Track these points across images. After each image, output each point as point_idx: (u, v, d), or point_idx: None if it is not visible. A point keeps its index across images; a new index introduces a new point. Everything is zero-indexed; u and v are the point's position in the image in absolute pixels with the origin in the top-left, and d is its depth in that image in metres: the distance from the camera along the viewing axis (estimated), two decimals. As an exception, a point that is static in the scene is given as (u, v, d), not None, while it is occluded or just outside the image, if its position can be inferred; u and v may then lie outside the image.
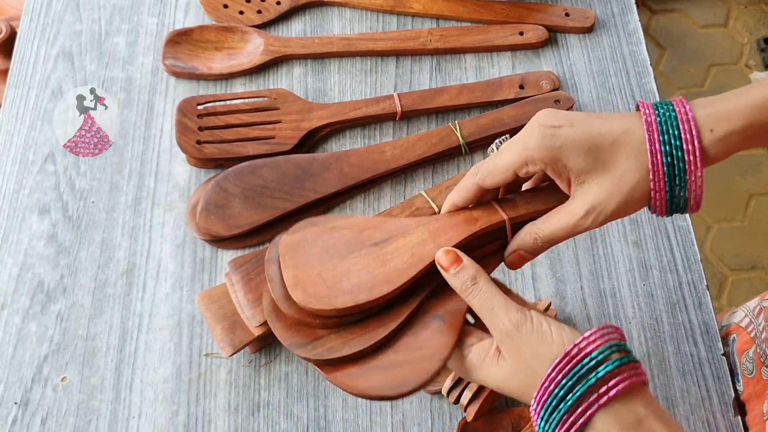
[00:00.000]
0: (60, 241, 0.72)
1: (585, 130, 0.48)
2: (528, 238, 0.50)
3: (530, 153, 0.48)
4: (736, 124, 0.47)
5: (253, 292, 0.65)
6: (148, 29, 0.84)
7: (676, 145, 0.47)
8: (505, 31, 0.82)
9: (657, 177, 0.47)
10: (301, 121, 0.76)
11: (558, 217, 0.49)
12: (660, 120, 0.47)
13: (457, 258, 0.47)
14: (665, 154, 0.47)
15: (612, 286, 0.70)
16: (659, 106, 0.48)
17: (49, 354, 0.67)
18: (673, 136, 0.47)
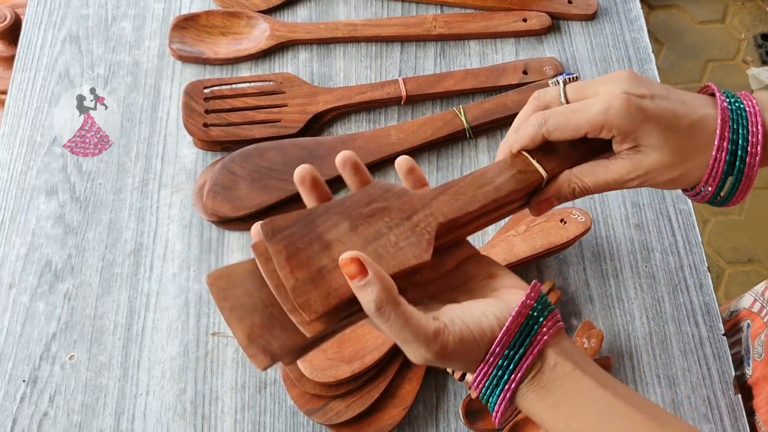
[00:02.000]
0: (67, 222, 0.73)
1: (667, 108, 0.47)
2: (566, 187, 0.49)
3: (611, 120, 0.46)
4: None
5: (304, 269, 0.42)
6: (155, 14, 0.85)
7: (742, 145, 0.47)
8: (508, 17, 0.83)
9: (716, 169, 0.48)
10: (307, 104, 0.77)
11: (603, 171, 0.48)
12: (732, 112, 0.48)
13: (361, 269, 0.41)
14: (731, 153, 0.48)
15: (614, 267, 0.71)
16: (729, 96, 0.49)
17: (57, 332, 0.68)
18: (742, 136, 0.47)
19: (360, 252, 0.42)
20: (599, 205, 0.74)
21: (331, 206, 0.46)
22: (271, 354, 0.41)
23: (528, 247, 0.68)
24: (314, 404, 0.63)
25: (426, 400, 0.65)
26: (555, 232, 0.68)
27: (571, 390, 0.43)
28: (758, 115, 0.48)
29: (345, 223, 0.45)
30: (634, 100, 0.46)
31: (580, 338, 0.65)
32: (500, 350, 0.43)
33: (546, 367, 0.43)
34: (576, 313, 0.69)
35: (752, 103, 0.48)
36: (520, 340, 0.43)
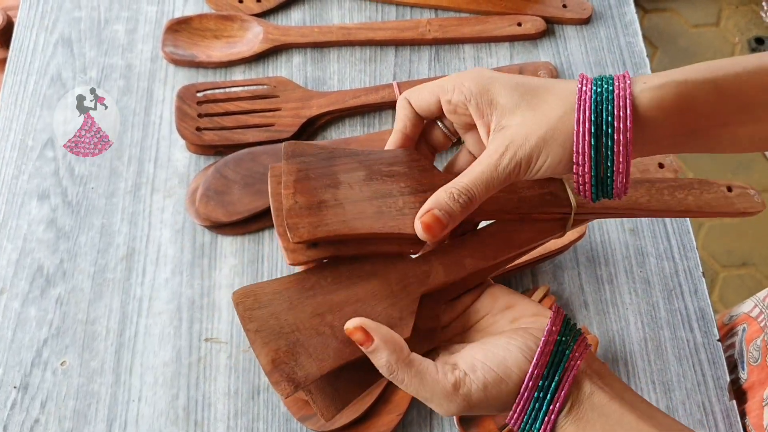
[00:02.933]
0: (59, 226, 0.72)
1: (516, 77, 0.45)
2: (443, 195, 0.44)
3: (461, 79, 0.45)
4: (671, 77, 0.43)
5: (306, 195, 0.44)
6: (148, 17, 0.84)
7: (607, 89, 0.43)
8: (503, 21, 0.83)
9: (583, 112, 0.43)
10: (300, 108, 0.76)
11: (475, 165, 0.44)
12: (595, 81, 0.44)
13: (367, 337, 0.41)
14: (595, 93, 0.43)
15: (609, 272, 0.71)
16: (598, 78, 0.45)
17: (49, 338, 0.67)
18: (606, 82, 0.43)
19: (364, 319, 0.41)
20: (594, 210, 0.74)
21: (356, 153, 0.46)
22: (296, 382, 0.40)
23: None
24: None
25: (420, 406, 0.65)
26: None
27: (610, 424, 0.41)
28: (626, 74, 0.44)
29: (362, 172, 0.45)
30: (482, 71, 0.46)
31: (575, 344, 0.64)
32: (534, 383, 0.41)
33: (582, 396, 0.42)
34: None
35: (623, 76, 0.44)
36: (553, 369, 0.42)
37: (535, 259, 0.68)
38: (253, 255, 0.71)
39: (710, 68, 0.44)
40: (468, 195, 0.43)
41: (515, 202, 0.47)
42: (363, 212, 0.44)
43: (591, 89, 0.43)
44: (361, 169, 0.45)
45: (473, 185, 0.44)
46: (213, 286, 0.70)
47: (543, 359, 0.42)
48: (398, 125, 0.48)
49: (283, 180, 0.44)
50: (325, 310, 0.43)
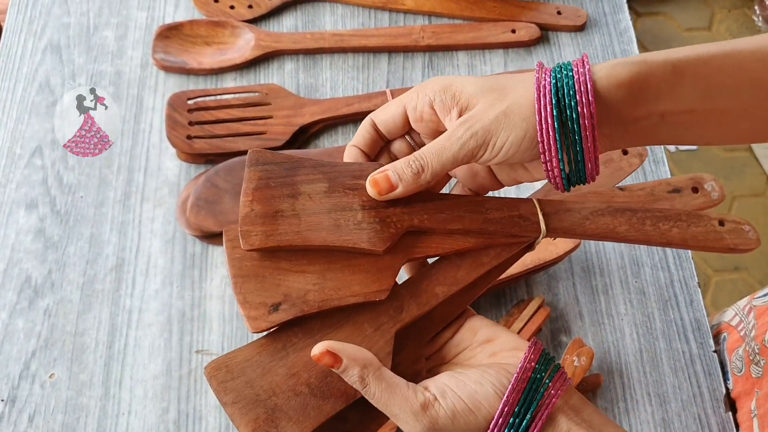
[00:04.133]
0: (48, 236, 0.71)
1: (479, 77, 0.45)
2: (400, 160, 0.44)
3: (422, 86, 0.45)
4: (630, 59, 0.43)
5: (263, 204, 0.44)
6: (138, 23, 0.83)
7: (566, 73, 0.42)
8: (497, 28, 0.82)
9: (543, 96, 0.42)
10: (293, 116, 0.75)
11: (438, 138, 0.44)
12: (554, 69, 0.43)
13: (335, 359, 0.41)
14: (554, 78, 0.42)
15: (604, 283, 0.70)
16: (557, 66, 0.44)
17: (37, 350, 0.66)
18: (565, 67, 0.43)
19: (329, 342, 0.41)
20: (589, 220, 0.73)
21: (322, 164, 0.46)
22: None
23: (518, 264, 0.67)
24: None
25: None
26: (544, 247, 0.67)
27: None
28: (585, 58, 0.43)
29: (324, 184, 0.45)
30: (445, 77, 0.45)
31: (570, 356, 0.64)
32: (504, 420, 0.40)
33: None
34: (566, 329, 0.68)
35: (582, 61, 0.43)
36: (525, 405, 0.41)
37: (529, 269, 0.67)
38: (245, 265, 0.70)
39: (669, 51, 0.43)
40: (420, 162, 0.44)
41: (480, 223, 0.46)
42: (319, 224, 0.44)
43: (550, 74, 0.43)
44: (323, 181, 0.45)
45: (427, 153, 0.44)
46: (204, 297, 0.69)
47: (514, 396, 0.41)
48: (356, 140, 0.48)
49: (243, 187, 0.44)
50: (300, 368, 0.42)
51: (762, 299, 0.71)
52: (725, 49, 0.43)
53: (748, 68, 0.44)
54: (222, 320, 0.68)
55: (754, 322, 0.69)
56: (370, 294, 0.44)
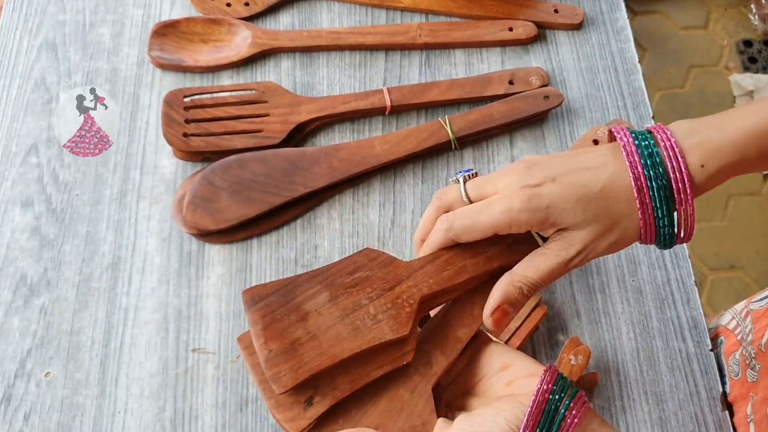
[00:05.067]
0: (43, 234, 0.71)
1: (569, 183, 0.45)
2: (512, 289, 0.46)
3: (515, 216, 0.45)
4: (727, 159, 0.44)
5: (279, 340, 0.44)
6: (134, 20, 0.83)
7: (663, 184, 0.44)
8: (494, 26, 0.82)
9: (647, 216, 0.45)
10: (289, 114, 0.75)
11: (543, 260, 0.46)
12: (644, 158, 0.45)
13: None
14: (654, 198, 0.44)
15: (601, 281, 0.70)
16: (638, 138, 0.46)
17: (33, 349, 0.66)
18: (660, 175, 0.44)
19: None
20: (586, 218, 0.73)
21: (314, 274, 0.46)
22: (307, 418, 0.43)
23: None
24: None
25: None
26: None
27: None
28: (675, 147, 0.44)
29: (325, 293, 0.45)
30: (531, 191, 0.45)
31: (567, 354, 0.64)
32: None
33: None
34: (562, 328, 0.68)
35: (670, 142, 0.45)
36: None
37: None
38: (241, 263, 0.70)
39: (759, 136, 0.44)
40: (535, 287, 0.46)
41: (483, 265, 0.48)
42: (339, 335, 0.44)
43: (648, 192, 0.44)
44: (324, 291, 0.45)
45: (541, 280, 0.46)
46: (200, 295, 0.69)
47: (533, 425, 0.40)
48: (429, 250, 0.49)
49: (252, 331, 0.44)
50: None
51: (759, 303, 0.71)
52: None
53: None
54: (219, 318, 0.68)
55: (751, 326, 0.69)
56: (396, 360, 0.44)
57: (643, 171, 0.44)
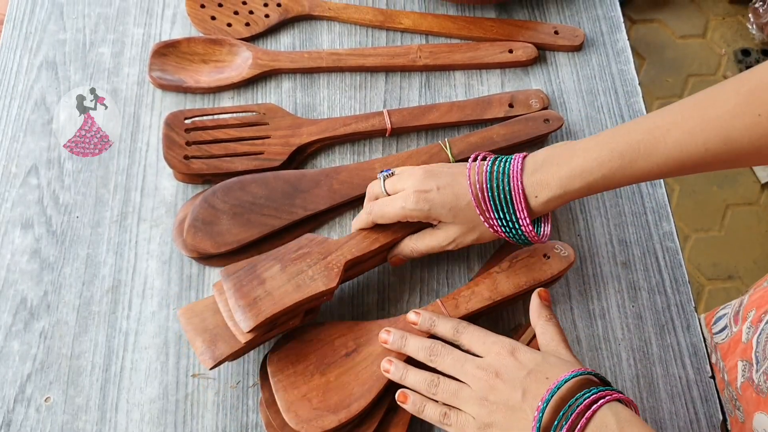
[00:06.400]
0: (44, 257, 0.71)
1: (448, 193, 0.62)
2: (406, 250, 0.67)
3: (408, 212, 0.63)
4: (553, 193, 0.60)
5: (245, 298, 0.61)
6: (134, 40, 0.83)
7: (503, 203, 0.61)
8: (494, 48, 0.82)
9: (491, 224, 0.62)
10: (290, 136, 0.75)
11: (429, 238, 0.65)
12: (491, 182, 0.61)
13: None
14: (496, 211, 0.62)
15: (601, 307, 0.70)
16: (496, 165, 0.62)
17: (33, 373, 0.66)
18: (508, 212, 0.61)
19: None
20: (586, 242, 0.73)
21: (270, 254, 0.64)
22: (214, 358, 0.60)
23: (512, 284, 0.67)
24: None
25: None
26: (539, 267, 0.67)
27: None
28: (519, 180, 0.61)
29: (277, 265, 0.63)
30: (421, 195, 0.62)
31: (568, 382, 0.64)
32: None
33: None
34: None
35: (518, 169, 0.61)
36: None
37: (524, 290, 0.67)
38: (242, 287, 0.70)
39: (584, 176, 0.58)
40: (420, 254, 0.67)
41: (390, 235, 0.67)
42: (286, 291, 0.61)
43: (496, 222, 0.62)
44: (276, 264, 0.63)
45: (426, 250, 0.66)
46: (201, 319, 0.69)
47: None
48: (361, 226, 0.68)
49: (227, 294, 0.61)
50: None
51: (720, 336, 0.71)
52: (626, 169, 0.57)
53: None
54: (219, 343, 0.68)
55: (723, 364, 0.70)
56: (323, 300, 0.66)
57: (488, 191, 0.61)
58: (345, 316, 0.69)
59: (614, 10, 0.87)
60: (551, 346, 0.58)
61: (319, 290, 0.61)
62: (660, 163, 0.55)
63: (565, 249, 0.68)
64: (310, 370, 0.62)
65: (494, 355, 0.56)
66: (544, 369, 0.54)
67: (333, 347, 0.63)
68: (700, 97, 0.55)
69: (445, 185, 0.62)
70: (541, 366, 0.54)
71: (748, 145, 0.52)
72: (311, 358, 0.62)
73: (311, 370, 0.62)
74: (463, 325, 0.61)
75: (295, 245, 0.64)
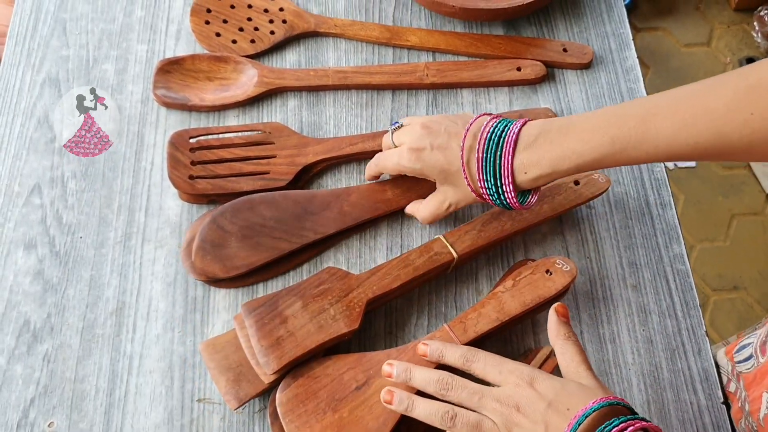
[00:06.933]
0: (47, 278, 0.70)
1: (439, 156, 0.64)
2: (415, 215, 0.71)
3: (402, 168, 0.67)
4: (543, 171, 0.61)
5: (267, 338, 0.61)
6: (138, 56, 0.82)
7: (497, 189, 0.63)
8: (502, 66, 0.81)
9: (474, 186, 0.64)
10: (296, 156, 0.74)
11: (429, 205, 0.69)
12: (486, 164, 0.62)
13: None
14: (490, 192, 0.64)
15: (611, 331, 0.70)
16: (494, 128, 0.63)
17: (36, 397, 0.65)
18: (496, 185, 0.63)
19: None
20: (596, 265, 0.73)
21: (292, 289, 0.64)
22: (239, 399, 0.61)
23: (518, 303, 0.66)
24: None
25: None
26: (542, 284, 0.66)
27: None
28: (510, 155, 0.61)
29: (299, 302, 0.64)
30: (414, 154, 0.65)
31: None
32: None
33: None
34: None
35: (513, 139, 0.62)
36: None
37: (530, 308, 0.66)
38: (247, 310, 0.69)
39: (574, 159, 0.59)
40: (425, 221, 0.70)
41: (412, 273, 0.67)
42: (309, 332, 0.62)
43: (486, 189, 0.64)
44: (298, 300, 0.64)
45: (428, 218, 0.70)
46: (206, 343, 0.68)
47: None
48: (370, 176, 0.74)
49: (249, 333, 0.62)
50: None
51: (745, 365, 0.70)
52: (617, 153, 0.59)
53: None
54: (224, 368, 0.67)
55: (746, 394, 0.69)
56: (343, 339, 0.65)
57: (483, 173, 0.63)
58: (352, 342, 0.68)
59: (623, 27, 0.86)
60: (571, 368, 0.55)
61: (341, 332, 0.62)
62: (650, 151, 0.57)
63: (566, 263, 0.67)
64: (321, 407, 0.60)
65: (512, 386, 0.54)
66: (565, 399, 0.52)
67: (342, 382, 0.61)
68: (698, 87, 0.55)
69: (438, 146, 0.64)
70: (561, 396, 0.52)
71: (738, 141, 0.52)
72: (321, 395, 0.61)
73: (323, 408, 0.60)
74: (472, 353, 0.58)
75: (317, 280, 0.65)
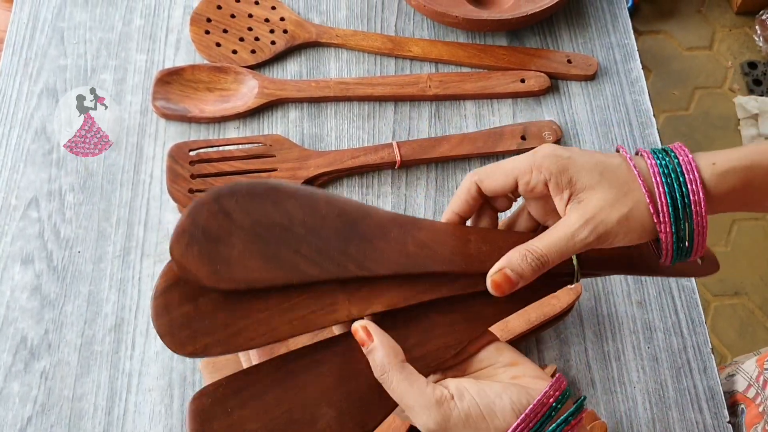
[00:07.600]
0: (44, 294, 0.69)
1: (593, 155, 0.47)
2: (516, 255, 0.44)
3: (538, 160, 0.46)
4: (736, 163, 0.45)
5: (267, 353, 0.53)
6: (137, 66, 0.81)
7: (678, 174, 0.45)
8: (506, 77, 0.80)
9: (661, 204, 0.45)
10: (297, 169, 0.73)
11: (553, 231, 0.45)
12: (658, 158, 0.46)
13: (368, 336, 0.43)
14: (667, 185, 0.45)
15: (616, 348, 0.69)
16: (656, 151, 0.47)
17: (33, 416, 0.64)
18: (674, 171, 0.45)
19: (369, 322, 0.43)
20: (600, 281, 0.72)
21: None
22: None
23: (523, 321, 0.65)
24: None
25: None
26: (547, 301, 0.66)
27: None
28: (688, 153, 0.46)
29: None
30: (558, 148, 0.46)
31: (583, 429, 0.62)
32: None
33: None
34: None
35: (684, 150, 0.47)
36: (540, 429, 0.41)
37: (535, 326, 0.66)
38: (248, 327, 0.68)
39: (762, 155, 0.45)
40: (541, 260, 0.45)
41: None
42: None
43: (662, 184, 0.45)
44: None
45: (548, 251, 0.45)
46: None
47: (532, 418, 0.41)
48: (458, 206, 0.49)
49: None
50: None
51: None
52: None
53: None
54: (224, 386, 0.66)
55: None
56: None
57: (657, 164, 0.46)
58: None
59: (628, 38, 0.85)
60: None
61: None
62: None
63: None
64: None
65: None
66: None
67: None
68: None
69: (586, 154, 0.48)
70: None
71: None
72: None
73: None
74: None
75: None
